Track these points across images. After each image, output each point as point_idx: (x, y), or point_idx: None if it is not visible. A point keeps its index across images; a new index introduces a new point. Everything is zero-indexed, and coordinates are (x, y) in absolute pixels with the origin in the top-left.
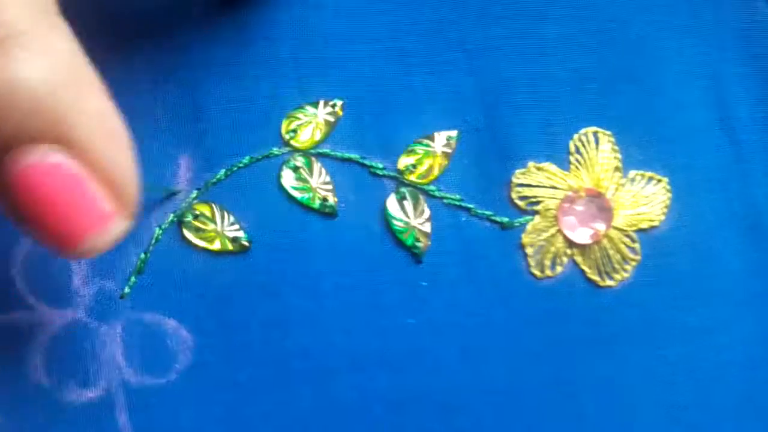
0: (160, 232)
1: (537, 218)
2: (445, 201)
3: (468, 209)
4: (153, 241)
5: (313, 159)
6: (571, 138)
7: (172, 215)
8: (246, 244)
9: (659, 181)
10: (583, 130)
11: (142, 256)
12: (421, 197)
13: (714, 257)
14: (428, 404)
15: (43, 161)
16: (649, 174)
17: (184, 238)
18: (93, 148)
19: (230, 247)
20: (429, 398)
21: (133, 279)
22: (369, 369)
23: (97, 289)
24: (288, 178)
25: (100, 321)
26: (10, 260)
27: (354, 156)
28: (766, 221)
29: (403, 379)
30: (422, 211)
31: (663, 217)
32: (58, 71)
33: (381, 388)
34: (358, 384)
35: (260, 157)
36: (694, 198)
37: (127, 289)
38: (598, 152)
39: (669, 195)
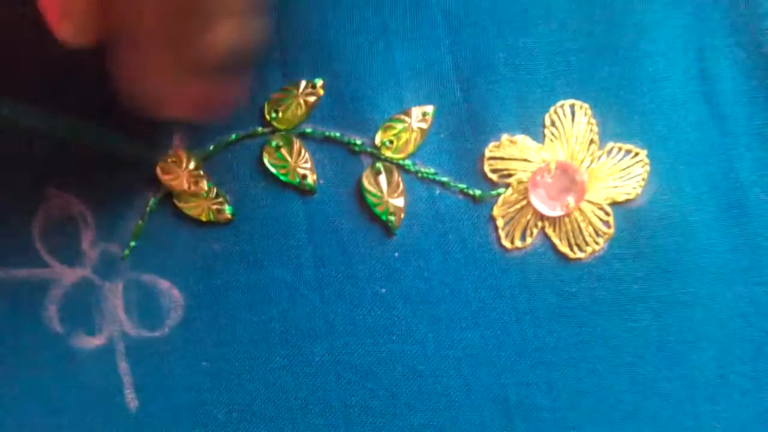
0: (155, 201)
1: (509, 191)
2: (419, 175)
3: (442, 183)
4: (148, 209)
5: (294, 138)
6: (547, 110)
7: (163, 188)
8: (229, 216)
9: (637, 153)
10: (559, 103)
11: (139, 222)
12: (396, 171)
13: (692, 232)
14: (397, 369)
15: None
16: (626, 146)
17: (175, 207)
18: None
19: (214, 218)
20: (398, 363)
21: (132, 243)
22: (342, 335)
23: (102, 250)
24: (269, 157)
25: (104, 279)
26: (31, 224)
27: (334, 134)
28: (747, 196)
29: (374, 345)
30: (397, 185)
31: (640, 191)
32: None
33: (352, 352)
34: (331, 348)
35: (245, 135)
36: (674, 172)
37: (126, 252)
38: (573, 125)
39: (647, 168)
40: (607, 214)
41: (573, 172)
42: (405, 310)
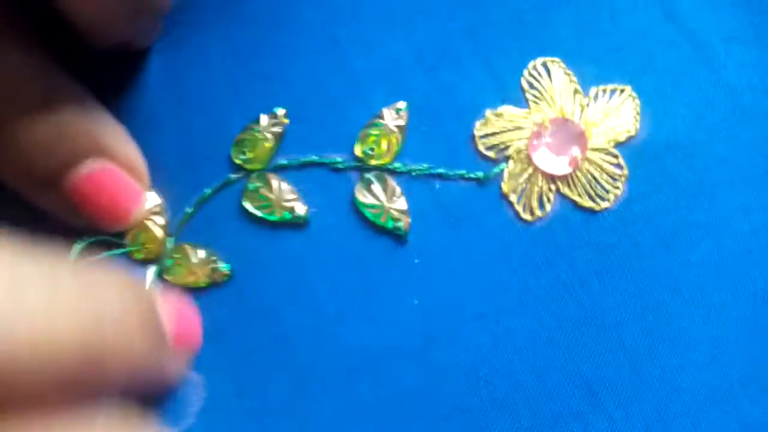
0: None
1: (511, 163)
2: (413, 174)
3: (439, 175)
4: None
5: (270, 175)
6: (521, 75)
7: (155, 267)
8: (226, 272)
9: (622, 90)
10: (530, 64)
11: None
12: (388, 177)
13: (704, 149)
14: (460, 381)
15: (95, 167)
16: (610, 87)
17: (168, 283)
18: (118, 152)
19: (211, 280)
20: (460, 376)
21: None
22: (388, 362)
23: None
24: (250, 201)
25: None
26: None
27: (311, 158)
28: (743, 99)
29: (426, 364)
30: (393, 190)
31: (638, 125)
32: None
33: (404, 378)
34: (379, 379)
35: (219, 186)
36: (663, 97)
37: None
38: (552, 81)
39: (637, 101)
40: (616, 156)
41: (569, 124)
42: (447, 316)
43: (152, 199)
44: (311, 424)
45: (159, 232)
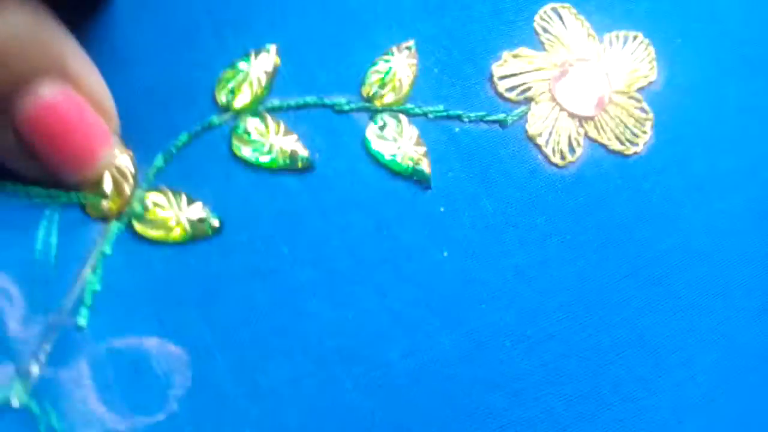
0: (110, 239)
1: (534, 105)
2: (429, 116)
3: (458, 117)
4: (99, 256)
5: (266, 114)
6: (530, 20)
7: (122, 218)
8: (216, 223)
9: (636, 36)
10: (541, 10)
11: (89, 272)
12: (402, 118)
13: (721, 96)
14: (505, 339)
15: (56, 93)
16: (622, 33)
17: (139, 236)
18: (83, 80)
19: (196, 231)
20: (501, 334)
21: (88, 303)
22: (418, 327)
23: (42, 328)
24: (241, 144)
25: (57, 366)
26: None
27: (310, 99)
28: (751, 50)
29: (467, 322)
30: (409, 132)
31: (655, 72)
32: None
33: (439, 343)
34: (411, 349)
35: (199, 130)
36: (676, 45)
37: (82, 319)
38: (565, 27)
39: (651, 48)
40: (639, 100)
41: (592, 64)
42: (480, 269)
43: (120, 148)
44: (328, 406)
45: (126, 187)
